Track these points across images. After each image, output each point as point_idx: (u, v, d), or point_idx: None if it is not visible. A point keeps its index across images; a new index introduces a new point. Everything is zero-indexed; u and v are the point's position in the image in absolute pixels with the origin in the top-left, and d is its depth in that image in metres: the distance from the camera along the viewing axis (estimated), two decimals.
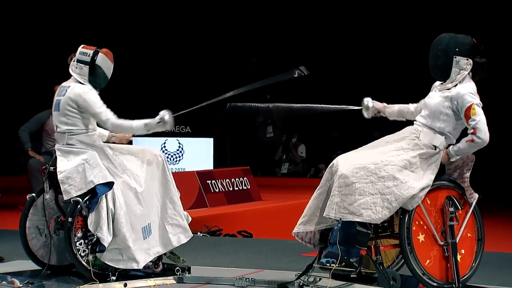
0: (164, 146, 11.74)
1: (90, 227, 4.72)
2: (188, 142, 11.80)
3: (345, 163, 4.65)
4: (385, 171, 4.56)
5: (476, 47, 4.70)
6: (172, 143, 11.76)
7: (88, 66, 4.92)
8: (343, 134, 13.49)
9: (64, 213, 4.94)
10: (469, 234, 4.75)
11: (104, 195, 4.77)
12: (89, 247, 4.75)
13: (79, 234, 4.80)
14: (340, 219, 4.52)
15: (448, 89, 4.70)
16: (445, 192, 4.72)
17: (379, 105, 5.01)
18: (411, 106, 4.98)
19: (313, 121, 14.07)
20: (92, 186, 4.78)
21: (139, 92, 14.41)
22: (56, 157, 4.96)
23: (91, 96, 4.88)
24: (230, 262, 5.72)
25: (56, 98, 4.98)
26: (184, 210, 5.14)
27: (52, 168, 4.98)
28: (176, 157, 11.73)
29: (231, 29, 15.04)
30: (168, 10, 14.63)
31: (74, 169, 4.81)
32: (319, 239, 4.77)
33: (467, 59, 4.68)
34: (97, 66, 4.93)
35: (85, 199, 4.80)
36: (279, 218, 8.69)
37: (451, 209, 4.66)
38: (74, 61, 4.93)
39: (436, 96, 4.76)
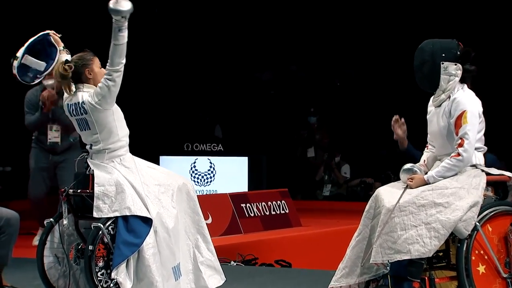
0: (194, 166, 11.77)
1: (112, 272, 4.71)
2: (220, 162, 11.81)
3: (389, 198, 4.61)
4: (423, 199, 4.53)
5: (466, 53, 4.69)
6: (202, 162, 11.79)
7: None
8: (392, 152, 13.37)
9: (84, 240, 4.96)
10: None
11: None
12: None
13: (101, 264, 4.81)
14: (388, 261, 4.48)
15: (443, 101, 4.67)
16: (509, 219, 4.65)
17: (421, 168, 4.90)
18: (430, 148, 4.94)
19: (359, 139, 13.98)
20: (127, 213, 4.77)
21: (167, 108, 14.50)
22: (76, 179, 5.00)
23: (96, 89, 4.92)
24: None
25: (74, 118, 5.01)
26: (216, 236, 5.14)
27: (71, 190, 5.01)
28: (207, 178, 11.75)
29: (264, 37, 15.02)
30: (197, 20, 14.72)
31: (113, 187, 4.82)
32: None
33: (455, 64, 4.66)
34: None
35: (107, 225, 4.81)
36: (321, 246, 8.63)
37: None
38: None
39: (435, 119, 4.75)
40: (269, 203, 9.14)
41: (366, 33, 14.37)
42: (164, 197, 4.94)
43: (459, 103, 4.65)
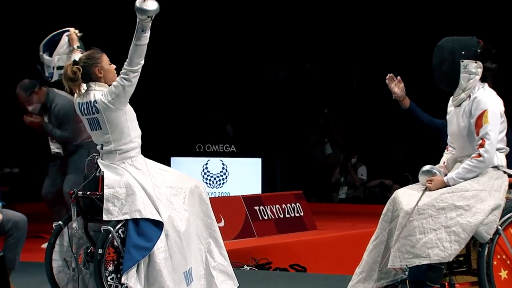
0: (206, 168, 11.78)
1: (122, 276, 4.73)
2: (233, 163, 11.82)
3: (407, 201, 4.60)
4: (443, 201, 4.52)
5: (486, 50, 4.68)
6: (215, 164, 11.80)
7: None
8: (410, 153, 13.33)
9: (94, 243, 4.97)
10: None
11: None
12: None
13: (111, 268, 4.82)
14: (407, 266, 4.48)
15: (463, 101, 4.66)
16: None
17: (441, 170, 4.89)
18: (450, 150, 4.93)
19: (375, 140, 13.94)
20: (138, 216, 4.78)
21: (178, 108, 14.51)
22: (86, 181, 5.01)
23: (110, 87, 4.92)
24: None
25: (86, 118, 5.01)
26: (229, 240, 5.15)
27: (81, 192, 5.03)
28: (219, 180, 11.76)
29: (279, 34, 15.00)
30: (209, 17, 14.71)
31: (123, 189, 4.84)
32: None
33: (476, 62, 4.65)
34: None
35: (117, 228, 4.82)
36: (337, 250, 8.62)
37: None
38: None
39: (454, 119, 4.74)
40: (284, 205, 9.14)
41: (384, 30, 14.32)
42: (176, 200, 4.95)
43: (480, 102, 4.63)
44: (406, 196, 4.64)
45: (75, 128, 7.57)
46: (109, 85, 4.94)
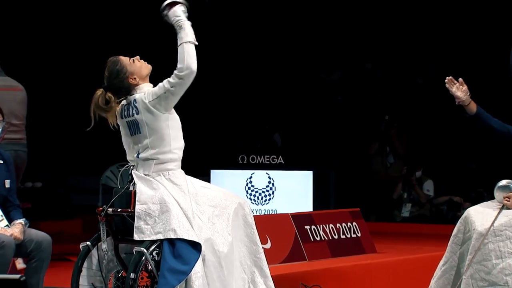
0: (250, 182, 11.81)
1: None
2: (281, 177, 11.83)
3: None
4: None
5: None
6: (260, 177, 11.82)
7: None
8: (484, 166, 13.20)
9: (126, 266, 5.01)
10: None
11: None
12: None
13: None
14: None
15: None
16: None
17: None
18: None
19: (444, 150, 13.83)
20: (172, 236, 4.81)
21: (219, 114, 14.58)
22: (116, 196, 5.05)
23: (155, 88, 5.03)
24: None
25: (125, 121, 5.07)
26: (276, 264, 5.15)
27: (111, 209, 5.07)
28: (265, 196, 11.78)
29: (332, 29, 15.00)
30: (253, 12, 14.77)
31: (157, 205, 4.88)
32: None
33: None
34: None
35: (151, 250, 4.85)
36: (400, 276, 8.57)
37: None
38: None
39: None
40: (338, 225, 9.12)
41: (455, 26, 14.22)
42: (219, 222, 4.96)
43: None
44: (479, 215, 4.61)
45: None
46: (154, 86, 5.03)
